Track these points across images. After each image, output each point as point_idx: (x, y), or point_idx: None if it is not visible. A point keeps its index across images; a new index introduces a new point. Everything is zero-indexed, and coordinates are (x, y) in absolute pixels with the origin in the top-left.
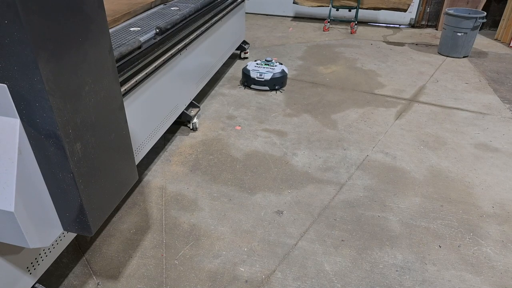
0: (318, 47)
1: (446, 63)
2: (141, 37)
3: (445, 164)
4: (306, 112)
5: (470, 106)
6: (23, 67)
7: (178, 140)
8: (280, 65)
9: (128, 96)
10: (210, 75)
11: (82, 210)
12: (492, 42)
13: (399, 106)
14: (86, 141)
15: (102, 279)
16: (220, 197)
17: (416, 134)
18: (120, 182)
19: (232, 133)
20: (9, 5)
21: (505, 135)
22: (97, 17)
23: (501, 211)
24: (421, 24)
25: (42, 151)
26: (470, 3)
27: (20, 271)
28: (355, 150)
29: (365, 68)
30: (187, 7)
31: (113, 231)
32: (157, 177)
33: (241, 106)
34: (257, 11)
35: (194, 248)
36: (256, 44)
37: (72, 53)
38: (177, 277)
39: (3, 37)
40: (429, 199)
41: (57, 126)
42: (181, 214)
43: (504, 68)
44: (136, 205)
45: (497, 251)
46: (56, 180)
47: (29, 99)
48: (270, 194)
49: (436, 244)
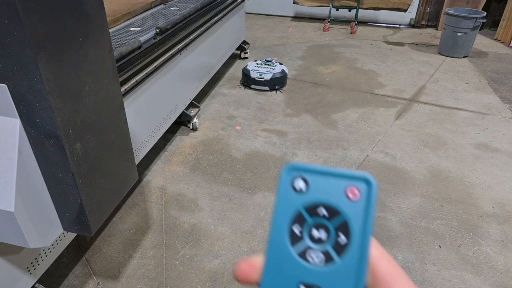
0: (318, 47)
1: (446, 63)
2: (141, 37)
3: (445, 164)
4: (306, 112)
5: (470, 106)
6: (23, 67)
7: (178, 140)
8: (280, 65)
9: (128, 96)
10: (210, 75)
11: (82, 210)
12: (492, 42)
13: (399, 106)
14: (86, 141)
15: (102, 279)
16: (220, 197)
17: (416, 134)
18: (120, 182)
19: (232, 133)
20: (9, 5)
21: (505, 135)
22: (97, 17)
23: (501, 211)
24: (421, 24)
25: (42, 151)
26: (470, 3)
27: (20, 271)
28: (355, 150)
29: (365, 68)
30: (187, 7)
31: (113, 231)
32: (157, 177)
33: (241, 106)
34: (257, 11)
35: (194, 248)
36: (256, 44)
37: (72, 53)
38: (177, 277)
39: (3, 37)
40: (429, 199)
41: (57, 126)
42: (181, 214)
43: (504, 68)
44: (136, 205)
45: (497, 251)
46: (56, 180)
47: (29, 99)
48: (270, 194)
49: (436, 244)
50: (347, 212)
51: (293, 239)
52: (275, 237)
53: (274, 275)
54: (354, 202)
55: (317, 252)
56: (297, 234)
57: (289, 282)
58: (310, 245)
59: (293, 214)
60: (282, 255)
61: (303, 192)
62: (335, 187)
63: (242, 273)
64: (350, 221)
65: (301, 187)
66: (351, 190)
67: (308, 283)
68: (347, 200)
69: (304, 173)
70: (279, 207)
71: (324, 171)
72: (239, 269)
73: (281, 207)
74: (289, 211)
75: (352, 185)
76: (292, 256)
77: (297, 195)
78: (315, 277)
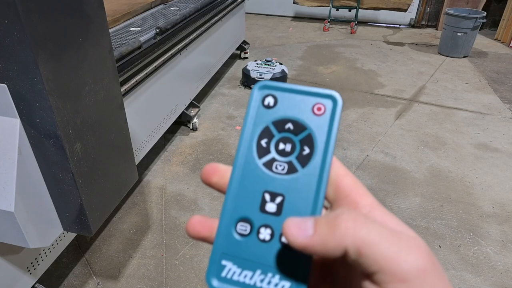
0: (318, 47)
1: (446, 63)
2: (141, 37)
3: (445, 164)
4: None
5: (470, 106)
6: (23, 67)
7: (178, 140)
8: (280, 65)
9: (128, 96)
10: (210, 75)
11: (82, 210)
12: (492, 42)
13: (399, 106)
14: (86, 141)
15: (102, 279)
16: (220, 197)
17: (416, 134)
18: (120, 182)
19: (232, 133)
20: (9, 5)
21: (505, 135)
22: (97, 17)
23: (501, 211)
24: (421, 24)
25: (42, 151)
26: (470, 3)
27: (20, 271)
28: (355, 150)
29: (365, 68)
30: (187, 7)
31: (113, 231)
32: (157, 177)
33: (241, 106)
34: (257, 11)
35: (194, 248)
36: (256, 44)
37: (72, 53)
38: (177, 277)
39: (3, 37)
40: (429, 199)
41: (57, 126)
42: (181, 214)
43: (504, 68)
44: (136, 205)
45: (497, 251)
46: (56, 180)
47: (29, 99)
48: None
49: (436, 244)
50: (311, 126)
51: (259, 152)
52: (243, 149)
53: (240, 183)
54: (319, 117)
55: (282, 164)
56: (264, 146)
57: (254, 190)
58: (275, 157)
59: (261, 129)
60: (249, 166)
61: (271, 108)
62: (303, 104)
63: (205, 175)
64: (314, 134)
65: (270, 103)
66: (318, 106)
67: (272, 191)
68: (313, 115)
69: (274, 91)
70: (249, 122)
71: (293, 89)
72: (203, 173)
73: (251, 122)
74: (258, 126)
75: (319, 102)
76: (258, 167)
77: (266, 111)
78: (278, 185)
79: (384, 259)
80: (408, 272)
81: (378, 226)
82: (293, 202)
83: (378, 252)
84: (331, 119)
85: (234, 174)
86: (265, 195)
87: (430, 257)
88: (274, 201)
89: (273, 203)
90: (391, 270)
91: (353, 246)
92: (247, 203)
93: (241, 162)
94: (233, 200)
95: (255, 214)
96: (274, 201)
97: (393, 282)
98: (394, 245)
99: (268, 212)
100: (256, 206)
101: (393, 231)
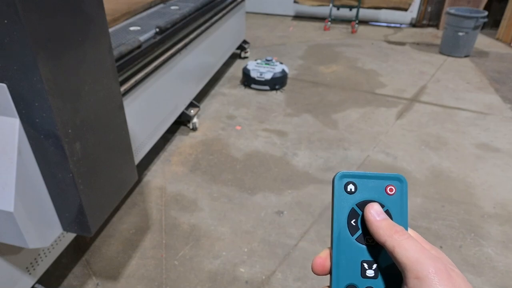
0: (318, 47)
1: (447, 62)
2: (141, 36)
3: (446, 164)
4: (307, 112)
5: (471, 106)
6: (23, 67)
7: (178, 140)
8: (281, 65)
9: (127, 95)
10: (210, 74)
11: (82, 210)
12: (494, 41)
13: (400, 106)
14: (85, 141)
15: (102, 280)
16: (220, 198)
17: (417, 134)
18: (119, 182)
19: (232, 133)
20: (9, 5)
21: (506, 135)
22: (97, 17)
23: (503, 212)
24: (422, 23)
25: (41, 151)
26: (471, 2)
27: (19, 271)
28: (356, 150)
29: (366, 68)
30: (187, 6)
31: (113, 232)
32: (157, 177)
33: (241, 106)
34: (258, 10)
35: (194, 248)
36: (257, 44)
37: (71, 53)
38: (177, 278)
39: (3, 37)
40: (430, 200)
41: (57, 126)
42: (181, 215)
43: (506, 67)
44: (136, 205)
45: (498, 252)
46: (55, 180)
47: (29, 99)
48: (270, 195)
49: (437, 244)
50: (387, 204)
51: (351, 230)
52: (337, 229)
53: (342, 258)
54: (392, 196)
55: (370, 237)
56: (353, 225)
57: (353, 261)
58: (364, 232)
59: (348, 211)
60: (345, 242)
61: (353, 193)
62: (377, 186)
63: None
64: (391, 210)
65: (352, 189)
66: (390, 188)
67: (367, 260)
68: (386, 195)
69: (353, 178)
70: (337, 207)
71: (368, 175)
72: (314, 264)
73: (339, 207)
74: (345, 209)
75: (390, 184)
76: (353, 242)
77: (349, 196)
78: (371, 255)
79: (408, 259)
80: (421, 271)
81: (414, 241)
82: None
83: (405, 254)
84: (402, 196)
85: (335, 250)
86: (364, 264)
87: (445, 266)
88: (371, 268)
89: (371, 270)
90: (410, 268)
91: (390, 245)
92: (351, 272)
93: (338, 240)
94: (338, 271)
95: (359, 280)
96: (371, 268)
97: (411, 278)
98: (418, 253)
99: (368, 277)
100: (357, 273)
101: (422, 247)
